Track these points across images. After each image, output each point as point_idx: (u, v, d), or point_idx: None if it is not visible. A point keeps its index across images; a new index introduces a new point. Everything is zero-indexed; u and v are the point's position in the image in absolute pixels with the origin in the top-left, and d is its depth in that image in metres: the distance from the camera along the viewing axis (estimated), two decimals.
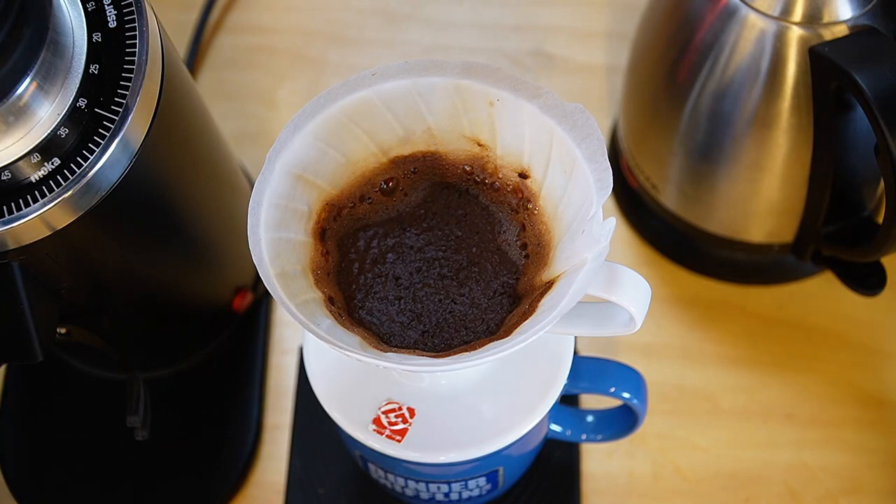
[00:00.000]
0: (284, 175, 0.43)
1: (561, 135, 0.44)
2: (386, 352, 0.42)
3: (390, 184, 0.47)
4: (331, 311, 0.43)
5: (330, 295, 0.44)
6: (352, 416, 0.50)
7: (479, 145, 0.46)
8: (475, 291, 0.45)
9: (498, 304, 0.45)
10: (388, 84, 0.45)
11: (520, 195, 0.46)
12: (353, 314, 0.44)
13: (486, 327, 0.44)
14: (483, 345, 0.41)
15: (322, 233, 0.45)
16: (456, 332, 0.44)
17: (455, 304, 0.45)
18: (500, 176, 0.46)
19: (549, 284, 0.42)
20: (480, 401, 0.50)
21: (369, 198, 0.46)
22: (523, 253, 0.45)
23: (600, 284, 0.42)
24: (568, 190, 0.44)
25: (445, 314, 0.45)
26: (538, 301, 0.42)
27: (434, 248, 0.46)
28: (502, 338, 0.41)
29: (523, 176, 0.46)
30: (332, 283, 0.44)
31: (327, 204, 0.45)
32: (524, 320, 0.42)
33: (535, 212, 0.45)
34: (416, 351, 0.43)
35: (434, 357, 0.41)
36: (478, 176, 0.47)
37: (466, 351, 0.41)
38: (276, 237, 0.42)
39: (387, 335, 0.44)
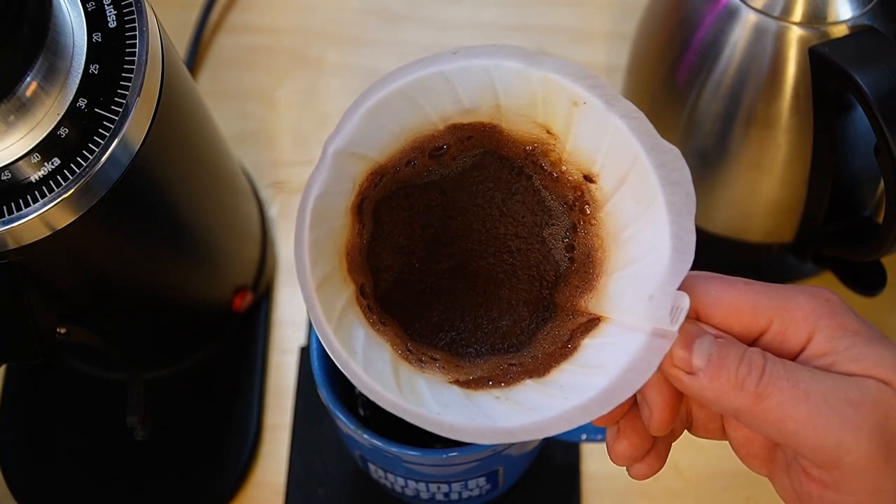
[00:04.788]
0: (334, 159, 0.41)
1: (646, 165, 0.40)
2: (412, 352, 0.41)
3: (441, 148, 0.43)
4: (361, 308, 0.41)
5: (361, 282, 0.42)
6: None
7: (549, 133, 0.43)
8: (511, 286, 0.43)
9: (532, 308, 0.43)
10: (466, 62, 0.42)
11: (579, 193, 0.43)
12: (383, 302, 0.42)
13: (517, 337, 0.42)
14: (517, 378, 0.40)
15: (360, 204, 0.42)
16: (485, 335, 0.43)
17: (489, 301, 0.43)
18: (563, 169, 0.43)
19: (594, 322, 0.40)
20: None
21: (414, 162, 0.43)
22: (568, 255, 0.42)
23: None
24: (639, 224, 0.40)
25: (476, 313, 0.43)
26: (580, 339, 0.40)
27: (473, 231, 0.43)
28: (536, 373, 0.40)
29: (588, 179, 0.42)
30: (364, 264, 0.42)
31: (372, 173, 0.42)
32: (562, 357, 0.40)
33: (593, 221, 0.42)
34: (441, 352, 0.42)
35: (459, 363, 0.41)
36: (537, 159, 0.43)
37: (496, 386, 0.40)
38: (316, 237, 0.40)
39: (413, 327, 0.43)
